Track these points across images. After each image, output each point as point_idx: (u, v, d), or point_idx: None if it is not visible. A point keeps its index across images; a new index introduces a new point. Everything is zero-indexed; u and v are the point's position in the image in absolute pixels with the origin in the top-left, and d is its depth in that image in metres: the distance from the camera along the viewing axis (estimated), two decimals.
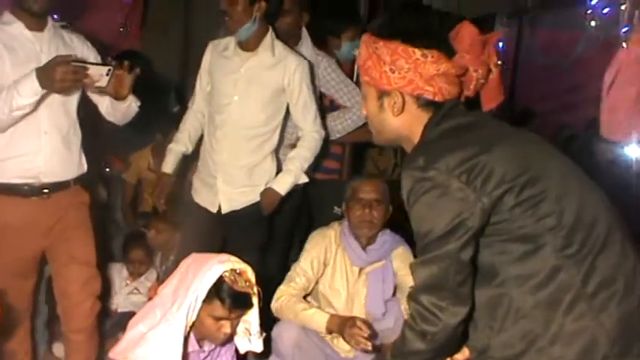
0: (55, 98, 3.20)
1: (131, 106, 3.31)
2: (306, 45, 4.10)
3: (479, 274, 2.04)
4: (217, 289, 2.58)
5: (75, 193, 3.38)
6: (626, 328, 1.92)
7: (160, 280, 4.29)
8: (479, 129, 2.08)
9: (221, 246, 3.82)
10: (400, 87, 2.08)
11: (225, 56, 3.72)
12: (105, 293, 3.66)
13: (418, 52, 2.05)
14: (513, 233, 1.96)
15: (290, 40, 3.99)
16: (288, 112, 3.80)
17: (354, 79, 4.35)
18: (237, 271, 2.63)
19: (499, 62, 2.24)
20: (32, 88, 2.92)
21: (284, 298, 3.41)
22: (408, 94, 2.09)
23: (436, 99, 2.08)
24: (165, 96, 5.34)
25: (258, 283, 2.69)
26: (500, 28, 8.37)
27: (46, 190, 3.24)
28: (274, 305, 3.41)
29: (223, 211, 3.77)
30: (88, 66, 2.98)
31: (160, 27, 6.14)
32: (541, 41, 8.50)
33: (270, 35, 3.66)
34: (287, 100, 3.72)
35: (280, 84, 3.67)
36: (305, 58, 3.82)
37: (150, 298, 2.93)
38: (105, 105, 3.39)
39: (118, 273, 4.31)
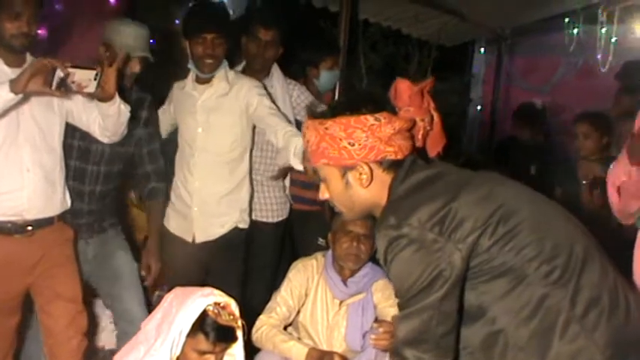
0: (36, 133, 3.20)
1: (121, 108, 3.25)
2: (277, 76, 4.17)
3: (468, 316, 2.05)
4: (201, 323, 2.57)
5: (59, 230, 3.38)
6: (618, 343, 1.94)
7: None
8: (442, 178, 2.10)
9: (203, 276, 3.85)
10: (364, 157, 2.09)
11: (185, 92, 3.85)
12: (91, 330, 3.63)
13: (371, 118, 2.07)
14: (495, 271, 1.97)
15: (260, 73, 4.06)
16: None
17: None
18: (221, 304, 2.63)
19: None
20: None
21: (264, 328, 3.42)
22: (372, 162, 2.10)
23: (399, 157, 2.10)
24: None
25: (242, 315, 2.69)
26: (478, 55, 8.49)
27: (29, 228, 3.23)
28: (254, 335, 3.42)
29: (197, 241, 3.84)
30: (75, 70, 2.93)
31: None
32: (521, 67, 8.61)
33: (224, 65, 3.78)
34: (252, 120, 3.81)
35: (239, 107, 3.77)
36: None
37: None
38: (97, 125, 3.34)
39: (103, 309, 4.28)
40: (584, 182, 4.48)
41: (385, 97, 2.21)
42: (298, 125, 4.19)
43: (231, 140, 3.81)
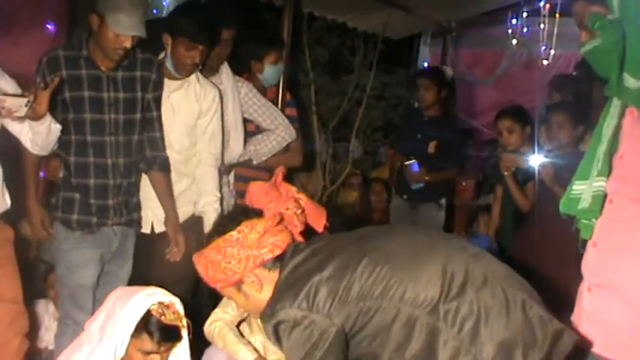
0: None
1: (51, 127, 3.23)
2: (226, 72, 4.12)
3: None
4: (145, 323, 2.54)
5: None
6: (513, 336, 2.01)
7: (91, 313, 4.23)
8: (314, 256, 2.26)
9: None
10: (245, 268, 2.27)
11: None
12: (32, 331, 3.55)
13: (234, 233, 2.27)
14: (374, 321, 2.10)
15: (213, 71, 4.03)
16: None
17: (279, 105, 4.39)
18: (165, 303, 2.59)
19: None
20: None
21: (218, 323, 3.37)
22: (255, 268, 2.27)
23: (276, 253, 2.28)
24: None
25: (187, 314, 2.66)
26: (424, 47, 8.54)
27: None
28: (207, 328, 3.32)
29: (157, 230, 3.78)
30: (6, 98, 2.94)
31: None
32: (466, 59, 8.69)
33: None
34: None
35: (198, 110, 3.76)
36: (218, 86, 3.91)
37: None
38: (27, 137, 3.31)
39: (45, 309, 4.21)
40: (505, 174, 4.57)
41: (247, 207, 2.47)
42: (246, 124, 4.19)
43: (190, 141, 3.81)
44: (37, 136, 3.26)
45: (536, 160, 4.42)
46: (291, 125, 4.35)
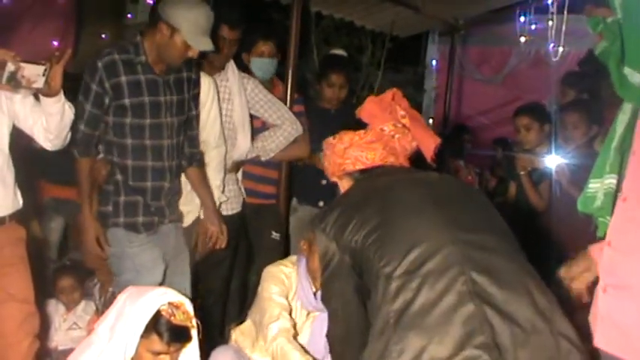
0: None
1: (65, 108, 3.20)
2: (232, 70, 4.12)
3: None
4: (155, 324, 2.54)
5: (11, 230, 3.30)
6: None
7: (100, 313, 4.23)
8: (369, 186, 2.36)
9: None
10: (333, 172, 2.54)
11: None
12: (43, 331, 3.54)
13: (331, 139, 2.54)
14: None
15: (219, 70, 4.05)
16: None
17: (287, 102, 4.37)
18: (175, 304, 2.59)
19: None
20: None
21: (280, 341, 3.19)
22: (342, 174, 2.50)
23: (357, 167, 2.46)
24: None
25: (196, 315, 2.66)
26: (431, 45, 8.52)
27: None
28: (269, 346, 3.20)
29: (185, 224, 3.79)
30: (25, 65, 2.90)
31: (93, 50, 6.11)
32: (474, 57, 8.67)
33: None
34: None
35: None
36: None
37: (89, 332, 2.88)
38: (41, 131, 3.27)
39: (55, 309, 4.23)
40: (521, 173, 4.55)
41: (359, 121, 2.55)
42: (252, 120, 4.18)
43: None
44: (51, 118, 3.20)
45: (552, 160, 4.39)
46: (298, 120, 4.35)
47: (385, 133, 2.45)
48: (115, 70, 3.34)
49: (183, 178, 3.74)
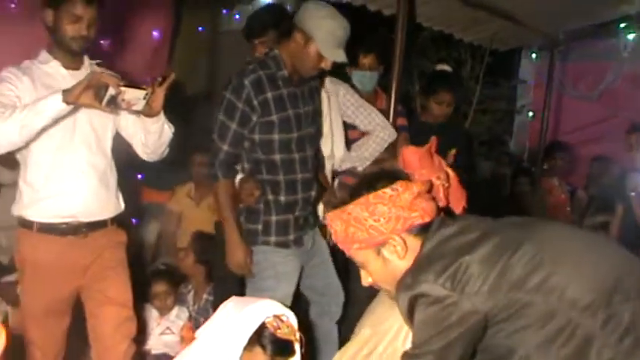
0: (92, 137, 3.21)
1: (164, 128, 3.24)
2: (329, 78, 4.07)
3: (497, 356, 2.06)
4: (259, 336, 2.50)
5: (112, 233, 3.36)
6: None
7: (193, 319, 4.24)
8: (463, 234, 2.12)
9: None
10: (392, 229, 2.12)
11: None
12: (139, 335, 3.56)
13: (388, 190, 2.12)
14: (523, 314, 1.97)
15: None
16: None
17: (391, 114, 4.30)
18: (280, 316, 2.55)
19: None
20: (50, 103, 2.84)
21: None
22: (402, 232, 2.14)
23: (425, 220, 2.14)
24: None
25: (300, 329, 2.61)
26: (525, 60, 8.35)
27: (83, 230, 3.22)
28: None
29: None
30: (127, 89, 2.91)
31: (185, 65, 6.16)
32: (570, 73, 8.46)
33: None
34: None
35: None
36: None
37: (182, 338, 2.86)
38: (139, 141, 3.35)
39: (149, 313, 4.26)
40: (632, 194, 4.38)
41: (396, 169, 2.33)
42: (346, 126, 4.13)
43: None
44: (150, 136, 3.26)
45: None
46: (401, 134, 4.28)
47: (437, 184, 2.33)
48: (261, 87, 3.30)
49: None
